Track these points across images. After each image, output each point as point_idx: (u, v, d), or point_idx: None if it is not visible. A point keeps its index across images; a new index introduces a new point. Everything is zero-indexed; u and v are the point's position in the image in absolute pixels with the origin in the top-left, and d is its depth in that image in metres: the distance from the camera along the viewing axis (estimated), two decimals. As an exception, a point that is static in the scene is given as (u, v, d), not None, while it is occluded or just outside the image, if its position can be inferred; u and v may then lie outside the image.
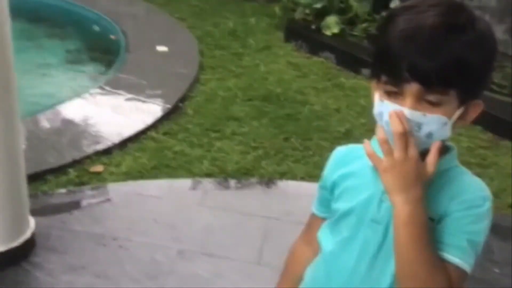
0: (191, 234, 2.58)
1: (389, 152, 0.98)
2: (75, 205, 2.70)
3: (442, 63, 0.94)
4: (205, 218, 2.68)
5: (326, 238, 1.17)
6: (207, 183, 3.02)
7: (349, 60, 4.53)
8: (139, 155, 3.29)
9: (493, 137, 3.79)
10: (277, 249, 2.28)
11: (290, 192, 2.98)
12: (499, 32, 4.96)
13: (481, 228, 1.02)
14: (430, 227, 1.00)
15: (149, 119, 3.63)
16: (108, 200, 2.76)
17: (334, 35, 4.89)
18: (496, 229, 2.81)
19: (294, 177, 3.20)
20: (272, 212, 2.75)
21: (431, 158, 0.98)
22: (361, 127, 3.66)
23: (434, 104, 0.97)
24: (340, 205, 1.13)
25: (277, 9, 5.49)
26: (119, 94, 3.95)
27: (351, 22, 5.02)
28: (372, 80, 1.06)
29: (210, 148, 3.44)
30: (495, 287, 2.41)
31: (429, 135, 0.98)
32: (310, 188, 1.30)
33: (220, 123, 3.73)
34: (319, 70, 4.65)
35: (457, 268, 1.00)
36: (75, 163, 3.10)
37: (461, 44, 0.95)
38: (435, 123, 0.97)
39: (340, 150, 1.21)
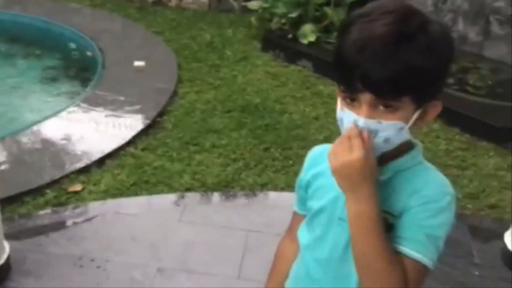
0: (170, 251, 2.55)
1: (335, 152, 1.02)
2: (52, 226, 2.66)
3: (393, 73, 0.96)
4: (184, 234, 2.65)
5: (303, 235, 1.21)
6: (187, 198, 3.00)
7: (327, 68, 4.54)
8: (118, 172, 3.26)
9: (471, 139, 3.81)
10: (257, 263, 2.28)
11: (271, 204, 2.98)
12: (472, 34, 5.03)
13: (440, 223, 1.02)
14: (389, 222, 1.03)
15: (127, 135, 3.60)
16: (86, 220, 2.72)
17: (310, 43, 4.91)
18: (475, 231, 2.85)
19: (275, 188, 3.19)
20: (253, 225, 2.73)
21: (354, 143, 1.00)
22: (340, 134, 3.66)
23: (389, 110, 0.99)
24: (313, 204, 1.18)
25: (253, 19, 5.50)
26: (96, 111, 3.92)
27: (327, 30, 5.04)
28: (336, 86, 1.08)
29: (190, 162, 3.42)
30: (476, 290, 2.41)
31: (387, 140, 1.01)
32: (290, 199, 1.32)
33: (199, 136, 3.72)
34: (297, 79, 4.66)
35: (415, 262, 1.01)
36: (53, 183, 3.07)
37: (411, 51, 0.96)
38: (391, 129, 1.00)
39: (315, 150, 1.24)
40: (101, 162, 3.32)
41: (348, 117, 1.02)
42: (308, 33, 4.95)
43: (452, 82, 4.43)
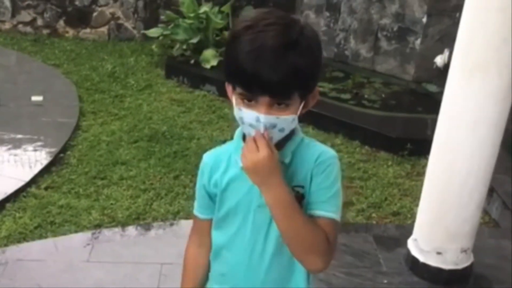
0: (80, 294, 2.45)
1: (245, 154, 1.18)
2: None
3: (284, 76, 1.13)
4: (94, 275, 2.55)
5: (217, 236, 1.34)
6: (96, 236, 2.91)
7: (231, 91, 4.61)
8: (20, 215, 3.10)
9: (371, 150, 4.02)
10: (172, 296, 2.24)
11: (183, 233, 2.93)
12: (364, 50, 5.33)
13: (337, 179, 1.25)
14: (301, 193, 1.23)
15: (28, 175, 3.44)
16: (-16, 272, 2.55)
17: (213, 67, 4.97)
18: (381, 240, 2.99)
19: (187, 215, 3.17)
20: (166, 257, 2.69)
21: (260, 143, 1.16)
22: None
23: (282, 108, 1.17)
24: (225, 203, 1.30)
25: (154, 47, 5.48)
26: (-8, 152, 3.71)
27: (229, 53, 5.12)
28: (228, 84, 1.22)
29: (98, 197, 3.33)
30: (384, 297, 2.52)
31: (282, 130, 1.20)
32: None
33: (106, 169, 3.62)
34: (203, 103, 4.70)
35: (329, 220, 1.22)
36: None
37: (296, 56, 1.13)
38: (286, 122, 1.19)
39: (209, 156, 1.36)
40: (0, 206, 3.14)
41: (249, 115, 1.16)
42: (210, 58, 5.01)
43: (349, 98, 4.66)
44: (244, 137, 1.26)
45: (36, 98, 4.50)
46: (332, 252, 1.22)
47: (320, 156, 1.24)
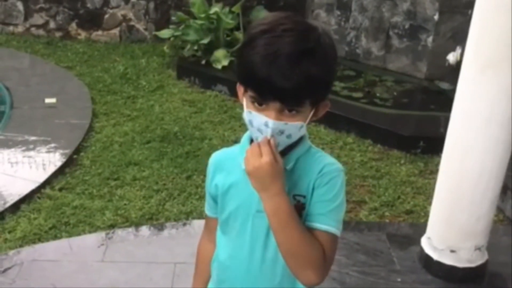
0: (94, 295, 2.47)
1: (248, 158, 1.17)
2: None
3: (297, 84, 1.12)
4: (108, 275, 2.57)
5: (219, 240, 1.34)
6: (110, 236, 2.93)
7: (242, 91, 4.62)
8: (35, 216, 3.13)
9: (383, 149, 4.00)
10: (185, 295, 2.25)
11: (196, 232, 2.95)
12: (375, 48, 5.30)
13: (340, 193, 1.22)
14: (302, 203, 1.21)
15: (42, 176, 3.47)
16: (1, 272, 2.57)
17: (224, 67, 4.98)
18: (394, 239, 2.97)
19: (199, 215, 3.18)
20: (179, 257, 2.70)
21: (264, 149, 1.15)
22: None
23: (293, 114, 1.16)
24: (227, 206, 1.30)
25: (165, 48, 5.51)
26: (7, 154, 3.75)
27: (240, 53, 5.13)
28: (240, 86, 1.21)
29: (111, 198, 3.35)
30: (398, 295, 2.51)
31: (289, 136, 1.19)
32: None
33: (119, 170, 3.65)
34: (214, 104, 4.71)
35: (328, 233, 1.20)
36: (-36, 236, 2.89)
37: (310, 64, 1.12)
38: (293, 128, 1.17)
39: (215, 156, 1.37)
40: (15, 207, 3.17)
41: (258, 119, 1.15)
42: (221, 58, 5.02)
43: (361, 96, 4.65)
44: (251, 142, 1.24)
45: (49, 100, 4.55)
46: (328, 266, 1.20)
47: (325, 167, 1.22)
